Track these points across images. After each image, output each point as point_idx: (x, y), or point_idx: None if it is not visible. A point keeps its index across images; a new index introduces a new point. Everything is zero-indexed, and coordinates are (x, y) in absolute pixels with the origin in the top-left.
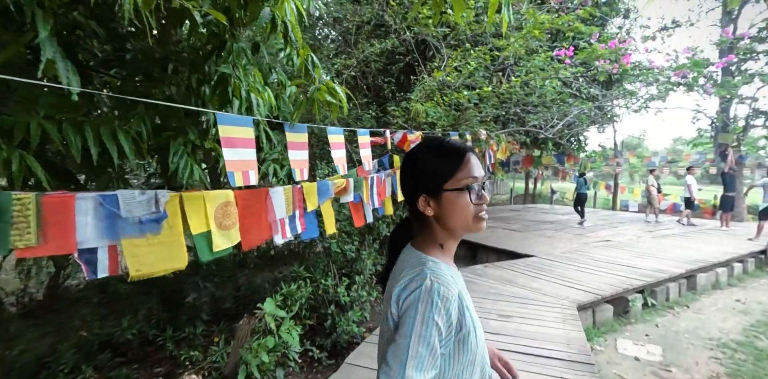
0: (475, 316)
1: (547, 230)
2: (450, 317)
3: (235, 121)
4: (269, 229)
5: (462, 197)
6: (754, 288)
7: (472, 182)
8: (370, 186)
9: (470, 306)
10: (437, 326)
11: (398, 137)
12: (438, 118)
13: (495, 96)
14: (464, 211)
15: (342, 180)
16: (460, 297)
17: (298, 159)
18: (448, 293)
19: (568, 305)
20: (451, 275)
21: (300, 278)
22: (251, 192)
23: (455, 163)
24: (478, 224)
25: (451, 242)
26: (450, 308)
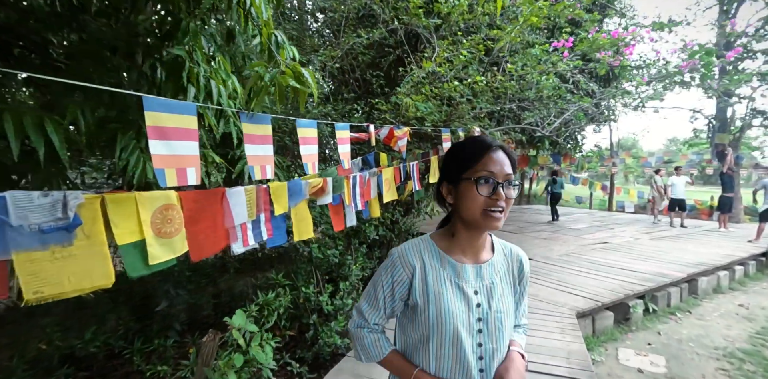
0: (436, 297)
1: (543, 231)
2: (393, 277)
3: (170, 107)
4: (226, 236)
5: (473, 187)
6: (756, 292)
7: (487, 176)
8: (352, 186)
9: (433, 286)
10: (382, 279)
11: (384, 133)
12: (428, 113)
13: (489, 90)
14: (473, 202)
15: (318, 179)
16: (414, 270)
17: (258, 155)
18: (398, 261)
19: (567, 313)
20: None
21: (279, 285)
22: (202, 193)
23: (477, 156)
24: (487, 221)
25: (463, 233)
26: (395, 272)
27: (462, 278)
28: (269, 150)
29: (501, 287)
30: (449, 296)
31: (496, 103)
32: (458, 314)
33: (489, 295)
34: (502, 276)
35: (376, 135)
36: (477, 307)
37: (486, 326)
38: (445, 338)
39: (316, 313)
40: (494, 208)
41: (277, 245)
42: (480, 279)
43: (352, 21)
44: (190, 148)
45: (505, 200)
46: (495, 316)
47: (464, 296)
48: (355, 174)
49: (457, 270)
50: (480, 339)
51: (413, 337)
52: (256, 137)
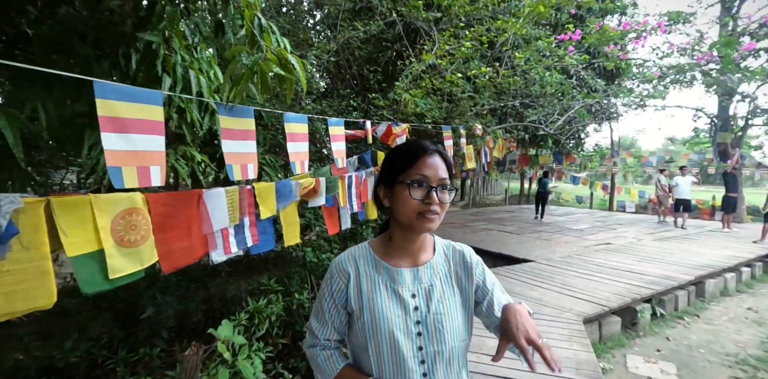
0: (370, 303)
1: (544, 232)
2: (332, 288)
3: (129, 94)
4: (204, 243)
5: (407, 191)
6: (764, 295)
7: (420, 179)
8: (347, 187)
9: (367, 293)
10: (323, 291)
11: (382, 130)
12: (428, 109)
13: (492, 86)
14: (407, 204)
15: (310, 179)
16: (349, 278)
17: (238, 152)
18: (334, 271)
19: (574, 318)
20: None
21: (271, 291)
22: (174, 196)
23: (412, 160)
24: (421, 223)
25: (400, 236)
26: (332, 282)
27: (397, 282)
28: (251, 147)
29: (441, 288)
30: (383, 300)
31: (498, 100)
32: (393, 319)
33: (428, 297)
34: (443, 277)
35: (373, 132)
36: (415, 310)
37: (425, 328)
38: (381, 343)
39: None
40: (428, 211)
41: (264, 251)
42: (418, 282)
43: (348, 14)
44: (155, 143)
45: (440, 204)
46: (434, 318)
47: (400, 300)
48: (351, 174)
49: (392, 274)
50: (420, 342)
51: (356, 345)
52: (237, 132)
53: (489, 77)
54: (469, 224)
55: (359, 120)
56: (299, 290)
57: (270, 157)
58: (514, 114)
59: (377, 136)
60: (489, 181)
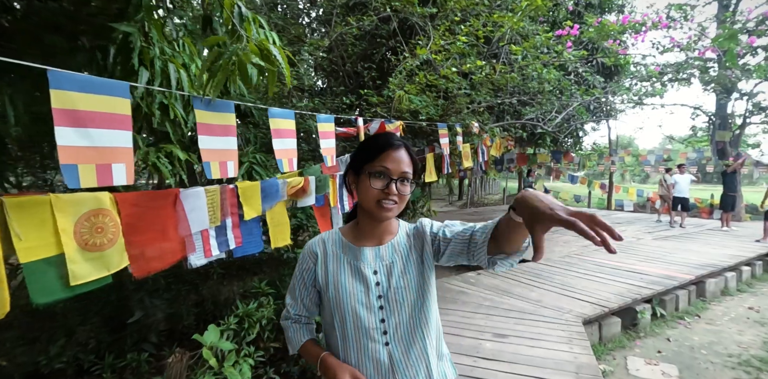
0: (334, 279)
1: None
2: (302, 268)
3: (89, 85)
4: (181, 246)
5: (368, 180)
6: (765, 294)
7: (382, 171)
8: (338, 186)
9: (333, 270)
10: (296, 269)
11: (375, 127)
12: (423, 106)
13: (489, 82)
14: (368, 193)
15: (298, 179)
16: (317, 258)
17: (217, 148)
18: (305, 252)
19: (573, 320)
20: (328, 240)
21: (262, 293)
22: (146, 195)
23: (377, 151)
24: (379, 211)
25: (366, 221)
26: (303, 262)
27: (360, 260)
28: (232, 143)
29: (402, 264)
30: (346, 277)
31: (495, 97)
32: (355, 294)
33: (389, 273)
34: (404, 254)
35: (366, 129)
36: (376, 285)
37: (387, 302)
38: (346, 316)
39: None
40: (386, 200)
41: (249, 253)
42: (379, 259)
43: (342, 10)
44: (120, 139)
45: (399, 196)
46: (395, 292)
47: (362, 276)
48: (342, 172)
49: (356, 253)
50: (382, 315)
51: (326, 321)
52: (216, 128)
53: (486, 74)
54: None
55: (351, 117)
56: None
57: (261, 155)
58: (512, 112)
59: (370, 134)
60: (487, 180)
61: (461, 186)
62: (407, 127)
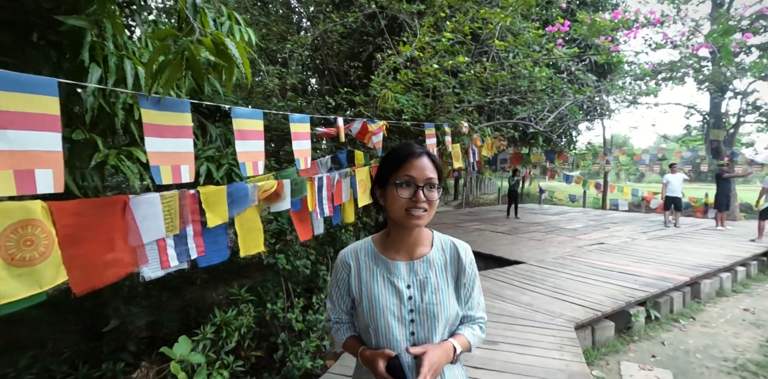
0: (368, 291)
1: (536, 232)
2: (337, 277)
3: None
4: (132, 257)
5: (395, 191)
6: (760, 295)
7: (407, 180)
8: (317, 189)
9: (366, 282)
10: (332, 278)
11: (357, 128)
12: (410, 106)
13: (477, 81)
14: (396, 203)
15: (270, 182)
16: (350, 269)
17: (168, 151)
18: (339, 262)
19: (565, 325)
20: (360, 251)
21: (243, 300)
22: (87, 204)
23: (400, 161)
24: (408, 220)
25: (395, 232)
26: (338, 272)
27: (393, 274)
28: (186, 145)
29: (436, 280)
30: (380, 290)
31: (485, 96)
32: (389, 306)
33: (422, 288)
34: (438, 271)
35: (347, 130)
36: (409, 299)
37: (418, 316)
38: (378, 326)
39: (286, 331)
40: (415, 209)
41: (215, 263)
42: (413, 274)
43: (328, 7)
44: (45, 142)
45: (428, 202)
46: (427, 307)
47: (395, 289)
48: (321, 175)
49: (389, 267)
50: (413, 328)
51: (361, 326)
52: (167, 129)
53: (474, 72)
54: (461, 225)
55: (329, 117)
56: (274, 299)
57: None
58: (503, 111)
59: (352, 134)
60: (482, 180)
61: (456, 186)
62: (394, 128)
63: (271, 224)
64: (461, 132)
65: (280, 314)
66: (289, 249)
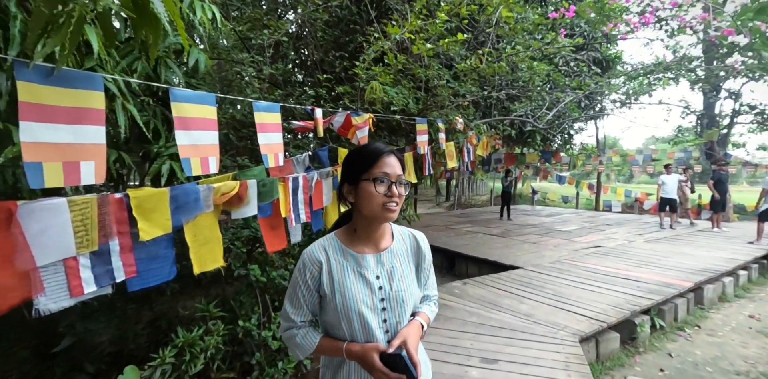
0: (340, 286)
1: (531, 234)
2: (306, 275)
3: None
4: (24, 283)
5: (372, 186)
6: (762, 299)
7: (382, 176)
8: (291, 191)
9: (338, 277)
10: (297, 279)
11: (339, 121)
12: (400, 99)
13: (474, 72)
14: (373, 199)
15: (231, 183)
16: (321, 266)
17: (59, 142)
18: (307, 260)
19: (569, 338)
20: (328, 247)
21: (212, 317)
22: None
23: (371, 160)
24: (385, 213)
25: (364, 227)
26: (306, 270)
27: (363, 267)
28: (94, 135)
29: (401, 269)
30: (352, 283)
31: (481, 89)
32: (361, 298)
33: (390, 278)
34: (402, 259)
35: (329, 123)
36: (379, 289)
37: (389, 304)
38: (353, 319)
39: (262, 349)
40: (390, 203)
41: (151, 286)
42: (381, 265)
43: None
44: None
45: (398, 197)
46: (396, 295)
47: (366, 281)
48: (297, 175)
49: (359, 260)
50: (385, 316)
51: (329, 322)
52: (59, 111)
53: (470, 63)
54: (453, 227)
55: (305, 107)
56: (249, 313)
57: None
58: (500, 107)
59: (334, 129)
60: (474, 181)
61: (448, 187)
62: (383, 124)
63: (243, 231)
64: (455, 129)
65: (255, 331)
66: (265, 258)
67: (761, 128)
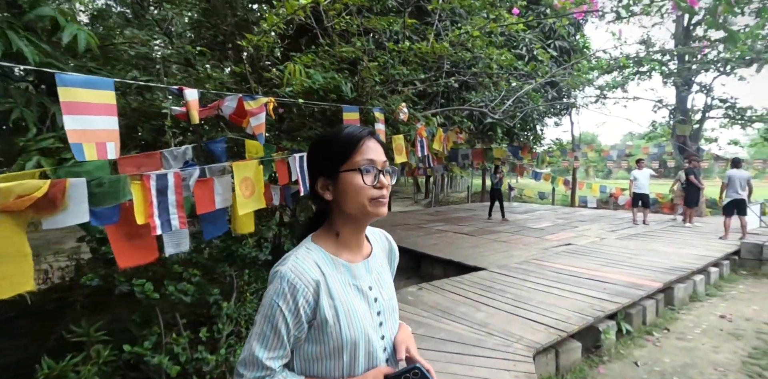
0: (345, 307)
1: (502, 232)
2: (297, 303)
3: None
4: None
5: (357, 178)
6: (734, 298)
7: (368, 164)
8: (155, 192)
9: (339, 296)
10: (281, 309)
11: (231, 107)
12: (326, 83)
13: (412, 54)
14: (360, 193)
15: (33, 182)
16: (318, 286)
17: None
18: (297, 281)
19: (523, 352)
20: (319, 261)
21: (93, 341)
22: None
23: (352, 146)
24: (376, 208)
25: (349, 229)
26: (297, 295)
27: (357, 278)
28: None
29: (386, 275)
30: (353, 300)
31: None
32: (366, 317)
33: (380, 286)
34: (383, 264)
35: (217, 109)
36: (375, 301)
37: (384, 317)
38: (359, 342)
39: (164, 375)
40: (380, 196)
41: None
42: (369, 273)
43: None
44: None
45: (387, 187)
46: (388, 304)
47: (363, 295)
48: (167, 171)
49: (353, 271)
50: (382, 331)
51: (318, 355)
52: None
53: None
54: (424, 226)
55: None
56: (148, 335)
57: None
58: (454, 98)
59: (224, 115)
60: (454, 177)
61: (427, 184)
62: (306, 112)
63: None
64: (399, 120)
65: (148, 355)
66: (167, 270)
67: (732, 123)
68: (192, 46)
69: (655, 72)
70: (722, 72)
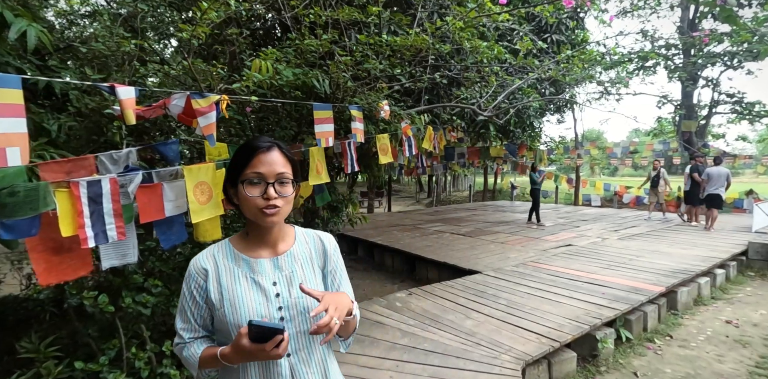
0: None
1: (500, 233)
2: (191, 286)
3: None
4: None
5: (247, 189)
6: (741, 301)
7: (254, 177)
8: (86, 200)
9: (227, 284)
10: (184, 288)
11: (179, 106)
12: (294, 79)
13: (389, 48)
14: (248, 202)
15: None
16: (207, 273)
17: None
18: (192, 269)
19: (510, 365)
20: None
21: (44, 357)
22: None
23: (246, 159)
24: (263, 218)
25: (254, 230)
26: (191, 278)
27: (257, 272)
28: None
29: (302, 273)
30: (243, 290)
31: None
32: (255, 306)
33: (289, 283)
34: (304, 263)
35: (164, 107)
36: (276, 296)
37: (288, 312)
38: None
39: None
40: (267, 207)
41: None
42: (278, 270)
43: None
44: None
45: (281, 198)
46: (296, 302)
47: (261, 288)
48: (102, 177)
49: (252, 265)
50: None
51: (222, 336)
52: None
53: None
54: (421, 226)
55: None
56: (97, 351)
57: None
58: (442, 95)
59: (172, 114)
60: (457, 176)
61: (430, 183)
62: (282, 112)
63: None
64: (380, 117)
65: (104, 372)
66: (124, 281)
67: (740, 118)
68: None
69: (659, 66)
70: (729, 66)
